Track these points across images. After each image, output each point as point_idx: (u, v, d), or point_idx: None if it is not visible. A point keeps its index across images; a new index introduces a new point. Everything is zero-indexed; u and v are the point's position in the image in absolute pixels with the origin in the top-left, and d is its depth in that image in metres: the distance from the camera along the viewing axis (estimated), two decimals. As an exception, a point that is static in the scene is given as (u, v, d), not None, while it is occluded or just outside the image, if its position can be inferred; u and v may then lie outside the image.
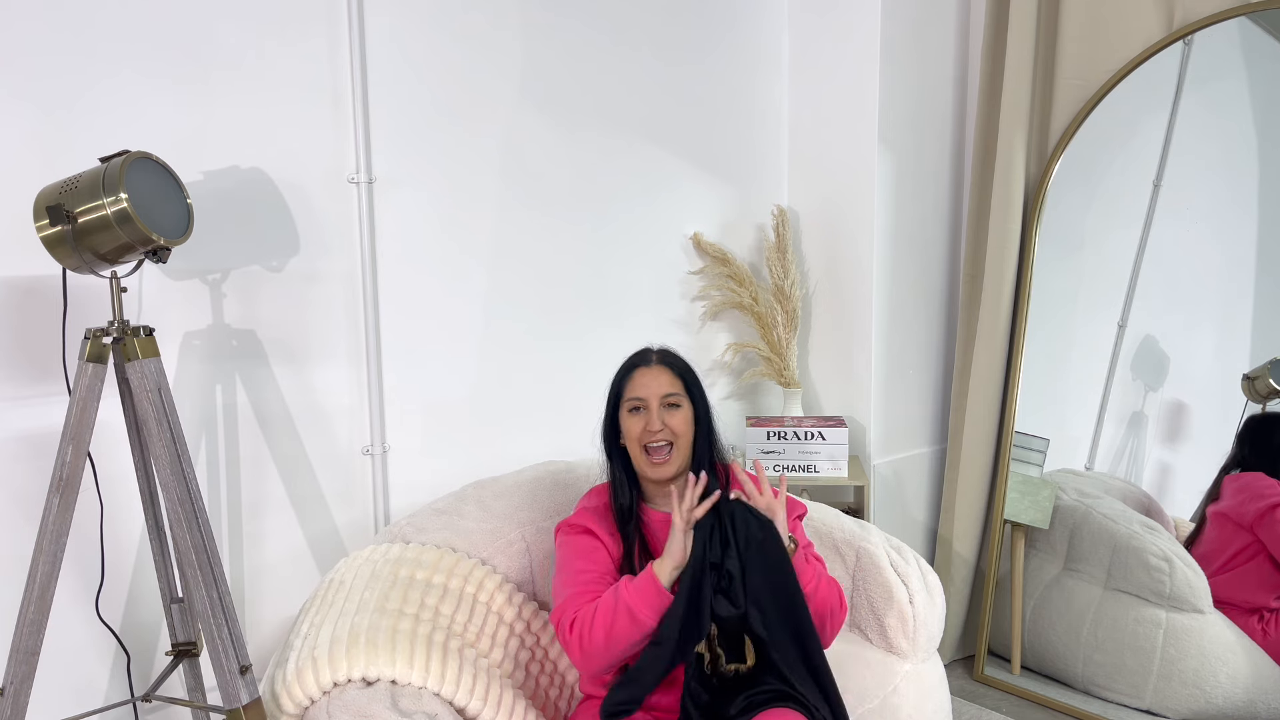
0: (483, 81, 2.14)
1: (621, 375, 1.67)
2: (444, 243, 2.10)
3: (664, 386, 1.61)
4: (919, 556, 1.90)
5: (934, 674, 1.84)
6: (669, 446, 1.59)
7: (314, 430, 1.94)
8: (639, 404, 1.61)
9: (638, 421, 1.60)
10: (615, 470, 1.67)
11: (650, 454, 1.60)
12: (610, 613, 1.44)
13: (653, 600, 1.43)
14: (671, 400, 1.61)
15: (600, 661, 1.46)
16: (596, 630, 1.45)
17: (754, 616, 1.46)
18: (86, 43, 1.60)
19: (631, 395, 1.62)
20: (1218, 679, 2.33)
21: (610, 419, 1.67)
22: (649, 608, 1.43)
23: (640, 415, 1.60)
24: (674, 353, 1.69)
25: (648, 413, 1.59)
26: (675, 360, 1.67)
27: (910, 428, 2.88)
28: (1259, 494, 2.31)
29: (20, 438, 1.58)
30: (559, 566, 1.61)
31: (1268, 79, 2.30)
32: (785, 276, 2.69)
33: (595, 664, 1.47)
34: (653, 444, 1.59)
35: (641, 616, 1.42)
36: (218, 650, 1.35)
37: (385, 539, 1.84)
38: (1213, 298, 2.42)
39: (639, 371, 1.64)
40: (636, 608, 1.42)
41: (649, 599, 1.43)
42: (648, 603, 1.43)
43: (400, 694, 1.46)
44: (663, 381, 1.62)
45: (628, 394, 1.63)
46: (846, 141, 2.70)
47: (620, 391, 1.65)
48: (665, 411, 1.60)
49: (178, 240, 1.38)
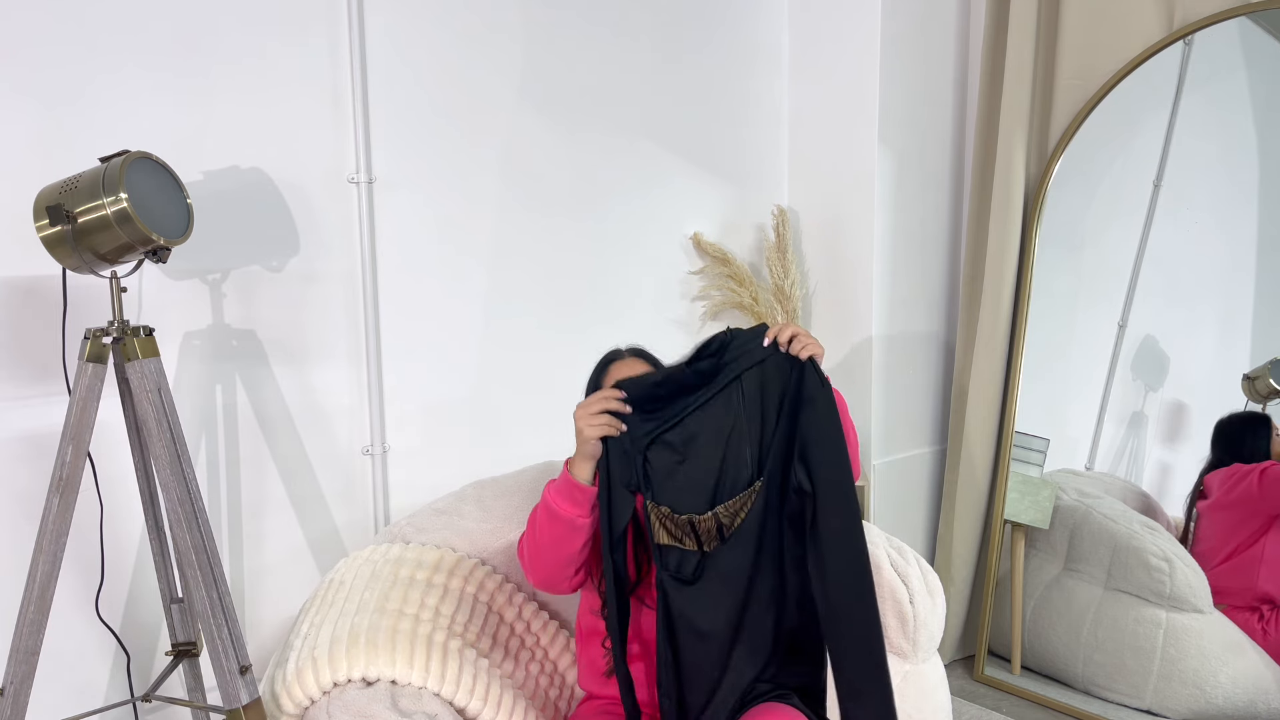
0: (482, 81, 2.14)
1: (597, 372, 1.72)
2: (444, 243, 2.10)
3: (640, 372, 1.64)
4: (919, 556, 1.90)
5: (934, 674, 1.84)
6: None
7: (314, 430, 1.94)
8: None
9: None
10: None
11: None
12: (535, 517, 1.51)
13: (571, 494, 1.46)
14: None
15: (540, 567, 1.52)
16: (529, 535, 1.53)
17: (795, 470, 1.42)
18: (87, 43, 1.60)
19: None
20: (1218, 679, 2.33)
21: None
22: (569, 501, 1.46)
23: None
24: (645, 349, 1.75)
25: None
26: (647, 354, 1.73)
27: (910, 428, 2.87)
28: (1245, 473, 2.36)
29: (20, 438, 1.58)
30: None
31: (1268, 79, 2.30)
32: (785, 276, 2.69)
33: (538, 570, 1.53)
34: None
35: (560, 510, 1.46)
36: (218, 650, 1.35)
37: (385, 539, 1.84)
38: (1213, 297, 2.42)
39: (614, 365, 1.69)
40: (555, 504, 1.46)
41: (566, 493, 1.46)
42: (566, 496, 1.46)
43: (400, 694, 1.46)
44: (637, 370, 1.65)
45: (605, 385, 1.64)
46: (846, 141, 2.70)
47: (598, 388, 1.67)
48: None
49: (178, 240, 1.38)
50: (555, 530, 1.47)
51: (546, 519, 1.47)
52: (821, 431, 1.41)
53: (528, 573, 1.55)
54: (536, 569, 1.53)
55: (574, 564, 1.50)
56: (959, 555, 2.77)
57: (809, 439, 1.41)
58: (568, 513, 1.45)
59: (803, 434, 1.42)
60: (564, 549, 1.48)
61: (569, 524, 1.46)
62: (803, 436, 1.42)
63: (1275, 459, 2.31)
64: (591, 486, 1.46)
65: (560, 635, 1.86)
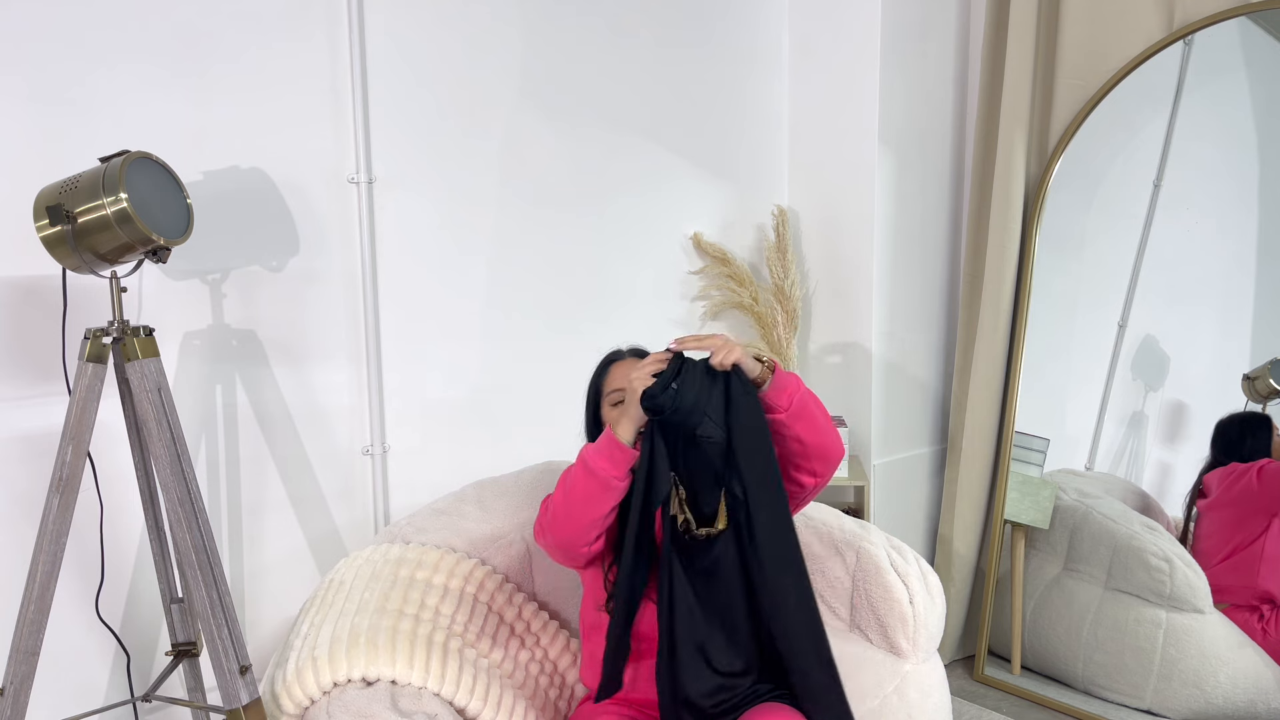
0: (483, 81, 2.14)
1: (599, 374, 1.71)
2: (444, 242, 2.10)
3: None
4: (919, 556, 1.90)
5: (934, 674, 1.83)
6: None
7: (314, 430, 1.94)
8: (621, 394, 1.62)
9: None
10: None
11: None
12: (568, 476, 1.50)
13: (612, 454, 1.46)
14: None
15: (564, 527, 1.49)
16: (558, 496, 1.50)
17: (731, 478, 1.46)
18: (86, 43, 1.60)
19: (612, 388, 1.65)
20: (1218, 679, 2.33)
21: (592, 418, 1.70)
22: (608, 461, 1.45)
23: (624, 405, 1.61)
24: (645, 350, 1.73)
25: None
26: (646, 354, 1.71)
27: (910, 428, 2.87)
28: (1243, 470, 2.36)
29: (20, 438, 1.58)
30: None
31: (1268, 79, 2.30)
32: (785, 276, 2.69)
33: (561, 530, 1.50)
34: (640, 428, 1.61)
35: (598, 467, 1.45)
36: (218, 650, 1.35)
37: (385, 539, 1.84)
38: (1213, 297, 2.42)
39: (615, 366, 1.68)
40: (593, 461, 1.46)
41: (607, 452, 1.46)
42: (607, 456, 1.46)
43: (400, 694, 1.46)
44: None
45: (608, 388, 1.66)
46: (846, 141, 2.70)
47: (599, 388, 1.68)
48: None
49: (178, 240, 1.38)
50: (589, 487, 1.46)
51: (583, 474, 1.47)
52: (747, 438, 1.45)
53: (548, 535, 1.53)
54: (559, 529, 1.50)
55: (597, 528, 1.50)
56: (959, 555, 2.77)
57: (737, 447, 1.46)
58: (605, 470, 1.45)
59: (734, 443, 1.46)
60: (594, 509, 1.48)
61: (604, 483, 1.46)
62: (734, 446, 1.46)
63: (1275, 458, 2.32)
64: (632, 449, 1.46)
65: (560, 635, 1.86)
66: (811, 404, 1.51)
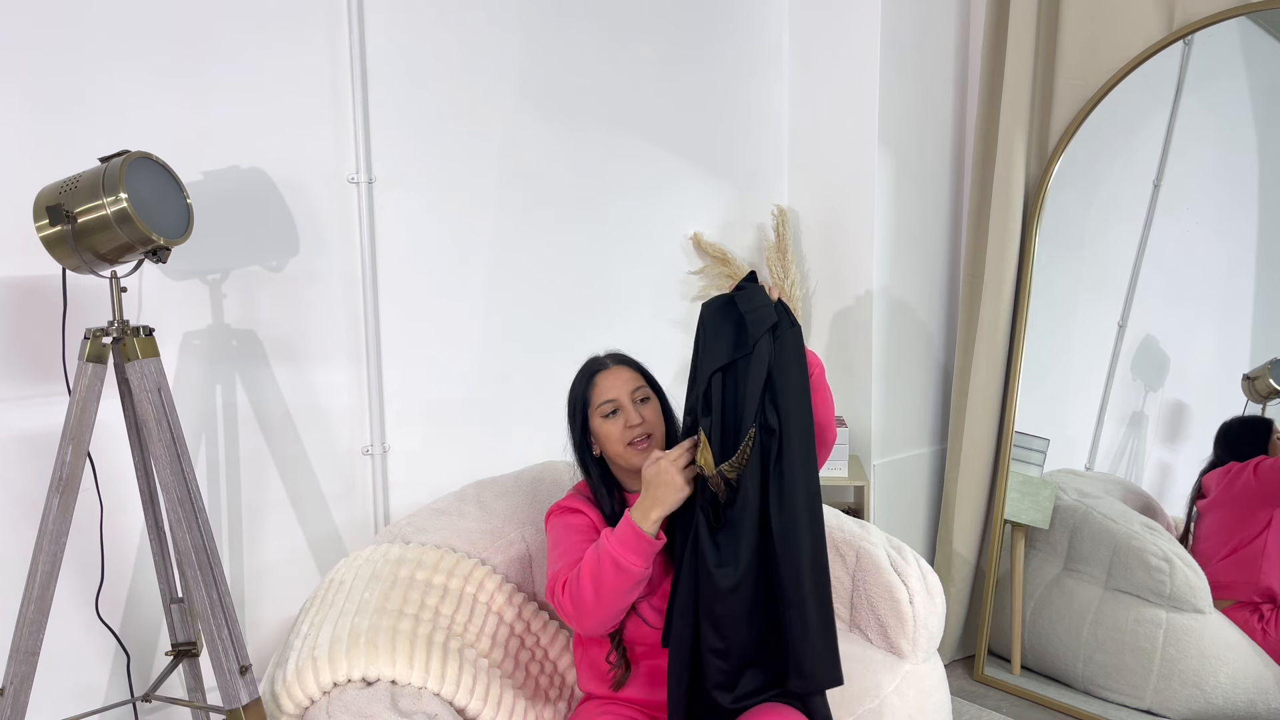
0: (482, 81, 2.14)
1: (583, 386, 1.65)
2: (444, 242, 2.10)
3: (630, 382, 1.62)
4: (919, 556, 1.90)
5: (934, 674, 1.83)
6: (648, 437, 1.60)
7: (314, 430, 1.94)
8: (613, 405, 1.60)
9: (615, 423, 1.60)
10: (594, 482, 1.66)
11: (635, 445, 1.60)
12: (595, 570, 1.44)
13: (639, 548, 1.42)
14: (642, 395, 1.63)
15: (596, 617, 1.45)
16: (583, 586, 1.44)
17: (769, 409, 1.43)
18: (87, 43, 1.60)
19: (602, 400, 1.61)
20: (1218, 679, 2.33)
21: (580, 433, 1.65)
22: (639, 555, 1.42)
23: (617, 416, 1.60)
24: (624, 353, 1.71)
25: (624, 410, 1.60)
26: (629, 359, 1.69)
27: (910, 428, 2.88)
28: (1240, 469, 2.37)
29: (20, 438, 1.58)
30: (551, 545, 1.61)
31: (1268, 79, 2.30)
32: (785, 276, 2.69)
33: (589, 619, 1.46)
34: (635, 437, 1.60)
35: (630, 566, 1.41)
36: (217, 650, 1.35)
37: (385, 539, 1.84)
38: (1213, 298, 2.42)
39: (600, 376, 1.64)
40: (623, 558, 1.41)
41: (635, 546, 1.42)
42: (636, 550, 1.42)
43: (400, 694, 1.46)
44: (626, 379, 1.63)
45: (597, 400, 1.62)
46: (846, 141, 2.70)
47: (586, 401, 1.63)
48: (639, 406, 1.61)
49: (178, 240, 1.38)
50: (620, 583, 1.42)
51: (613, 572, 1.42)
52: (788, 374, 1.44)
53: (576, 621, 1.47)
54: (591, 618, 1.46)
55: (626, 610, 1.49)
56: (959, 555, 2.77)
57: (778, 382, 1.44)
58: (636, 567, 1.42)
59: (773, 375, 1.44)
60: (625, 599, 1.45)
61: (636, 578, 1.43)
62: (773, 379, 1.44)
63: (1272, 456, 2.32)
64: (658, 540, 1.44)
65: (560, 635, 1.86)
66: (826, 384, 1.52)
